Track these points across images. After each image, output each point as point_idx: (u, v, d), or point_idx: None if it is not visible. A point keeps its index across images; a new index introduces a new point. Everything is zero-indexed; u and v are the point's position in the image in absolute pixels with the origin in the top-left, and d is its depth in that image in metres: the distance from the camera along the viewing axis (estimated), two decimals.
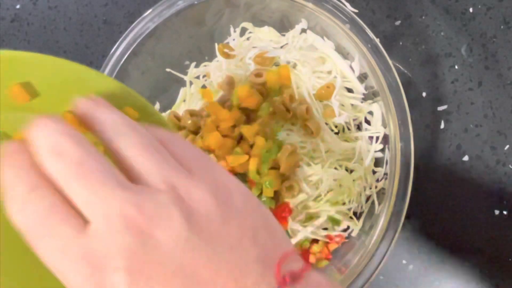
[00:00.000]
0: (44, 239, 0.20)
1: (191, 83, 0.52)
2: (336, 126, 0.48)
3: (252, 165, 0.44)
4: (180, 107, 0.52)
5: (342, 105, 0.48)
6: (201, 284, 0.21)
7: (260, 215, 0.24)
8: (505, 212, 0.48)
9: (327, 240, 0.47)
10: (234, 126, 0.46)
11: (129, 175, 0.22)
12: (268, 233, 0.23)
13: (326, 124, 0.47)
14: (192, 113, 0.49)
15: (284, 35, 0.50)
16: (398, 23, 0.51)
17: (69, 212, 0.20)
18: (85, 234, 0.20)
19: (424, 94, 0.50)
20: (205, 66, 0.52)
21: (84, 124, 0.23)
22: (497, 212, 0.48)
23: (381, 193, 0.46)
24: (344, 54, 0.47)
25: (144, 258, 0.20)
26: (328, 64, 0.48)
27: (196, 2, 0.46)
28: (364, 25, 0.43)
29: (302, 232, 0.46)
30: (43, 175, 0.21)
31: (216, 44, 0.51)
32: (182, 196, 0.21)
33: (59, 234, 0.20)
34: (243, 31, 0.51)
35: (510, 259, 0.48)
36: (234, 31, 0.51)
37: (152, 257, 0.20)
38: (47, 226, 0.20)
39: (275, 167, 0.45)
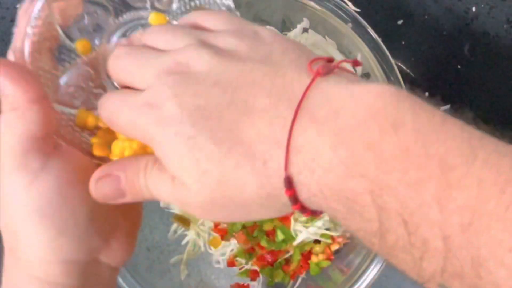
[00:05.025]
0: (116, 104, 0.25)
1: None
2: None
3: None
4: None
5: None
6: (239, 87, 0.22)
7: (289, 42, 0.24)
8: None
9: (329, 240, 0.47)
10: None
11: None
12: (298, 51, 0.24)
13: None
14: None
15: (286, 35, 0.50)
16: (400, 22, 0.51)
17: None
18: (141, 92, 0.24)
19: (426, 93, 0.50)
20: None
21: None
22: None
23: None
24: (346, 53, 0.47)
25: (186, 83, 0.23)
26: None
27: None
28: (366, 25, 0.43)
29: (305, 233, 0.46)
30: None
31: None
32: (209, 41, 0.24)
33: (127, 99, 0.25)
34: None
35: None
36: None
37: (192, 81, 0.23)
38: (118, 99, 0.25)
39: None
